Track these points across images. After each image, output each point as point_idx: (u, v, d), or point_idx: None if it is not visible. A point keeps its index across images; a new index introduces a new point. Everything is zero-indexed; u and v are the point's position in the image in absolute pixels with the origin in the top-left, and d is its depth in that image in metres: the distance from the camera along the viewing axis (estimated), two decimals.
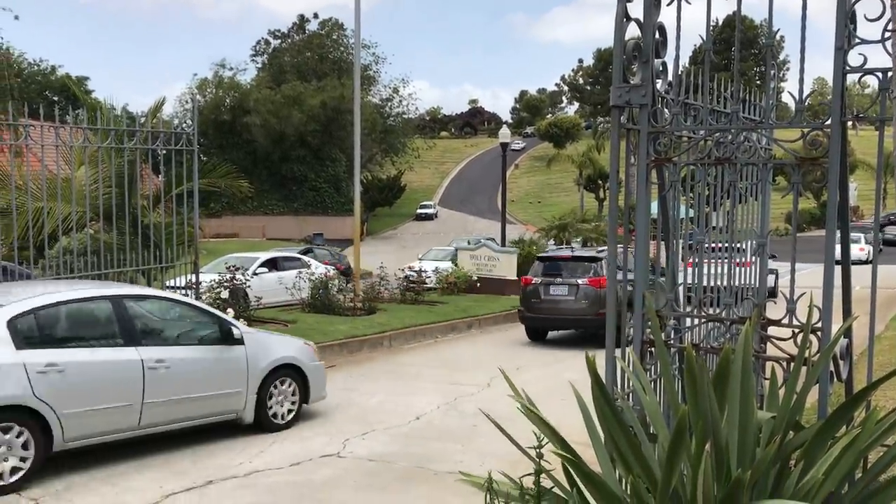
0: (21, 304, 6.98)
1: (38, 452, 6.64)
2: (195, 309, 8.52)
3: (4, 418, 6.47)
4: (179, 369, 7.61)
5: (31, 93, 49.63)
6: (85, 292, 7.63)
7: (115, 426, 7.24)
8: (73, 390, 6.87)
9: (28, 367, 6.63)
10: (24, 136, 9.36)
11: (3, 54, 22.20)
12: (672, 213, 4.45)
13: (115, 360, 7.22)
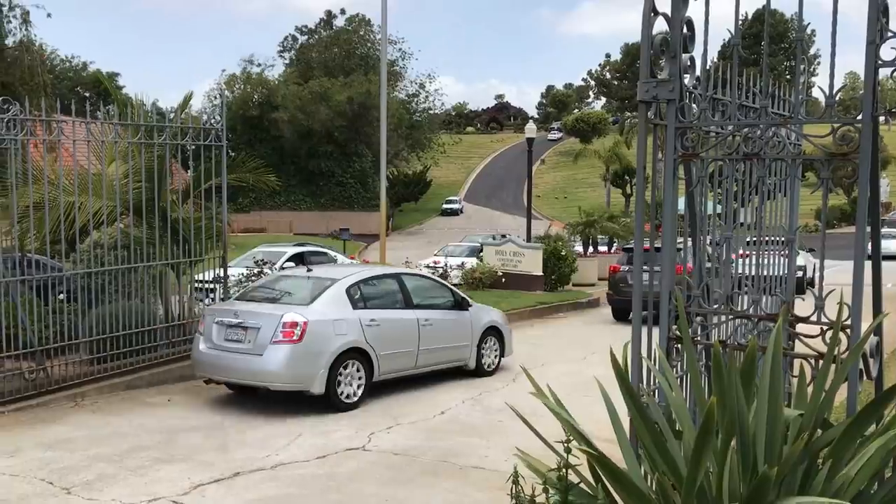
0: (350, 278, 9.93)
1: (367, 381, 9.44)
2: (441, 285, 11.78)
3: (350, 356, 9.28)
4: (438, 326, 10.53)
5: (63, 89, 50.34)
6: (380, 270, 11.42)
7: (403, 366, 10.09)
8: (384, 338, 9.67)
9: (361, 321, 9.49)
10: (56, 131, 9.50)
11: (35, 51, 22.51)
12: (699, 210, 4.42)
13: (403, 319, 10.13)
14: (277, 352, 8.82)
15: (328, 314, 9.25)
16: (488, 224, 60.14)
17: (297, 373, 8.90)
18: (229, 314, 9.32)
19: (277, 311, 9.15)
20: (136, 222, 10.74)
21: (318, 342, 8.99)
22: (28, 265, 9.35)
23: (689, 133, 4.11)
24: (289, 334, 8.86)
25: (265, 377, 8.95)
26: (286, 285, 10.24)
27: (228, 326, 9.19)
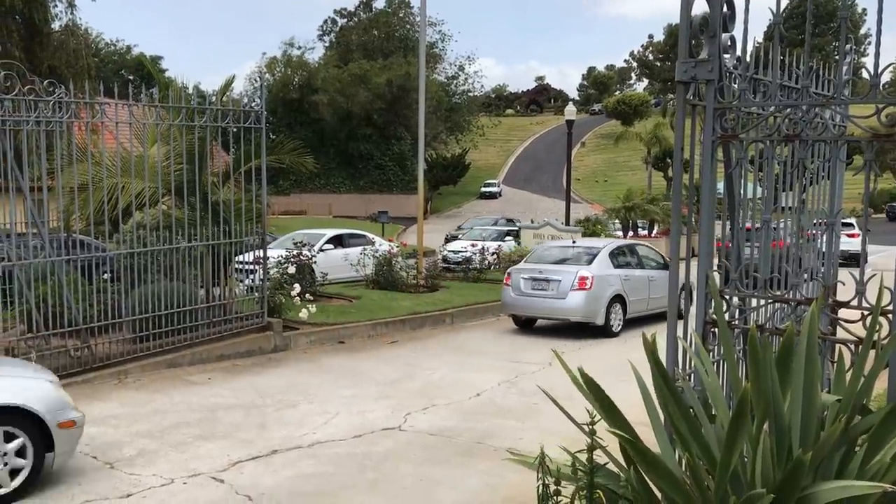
0: (608, 247, 14.40)
1: (623, 318, 13.84)
2: (653, 251, 15.66)
3: (615, 301, 13.67)
4: (656, 282, 14.27)
5: (107, 72, 51.22)
6: (622, 242, 16.29)
7: (640, 309, 14.19)
8: (632, 289, 13.96)
9: (620, 276, 13.78)
10: (99, 114, 9.66)
11: (81, 35, 22.88)
12: (738, 192, 4.35)
13: (640, 275, 14.28)
14: (576, 296, 13.22)
15: (602, 271, 13.54)
16: (527, 207, 59.89)
17: (588, 310, 13.24)
18: (535, 272, 13.76)
19: (571, 269, 13.53)
20: (177, 203, 10.90)
21: (599, 290, 13.30)
22: (73, 245, 9.56)
23: (728, 114, 4.05)
24: (582, 284, 13.22)
25: (567, 313, 13.40)
26: (562, 252, 14.54)
27: (534, 279, 13.63)
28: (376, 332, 13.00)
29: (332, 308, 13.78)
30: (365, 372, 10.29)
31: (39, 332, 8.91)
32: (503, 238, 25.84)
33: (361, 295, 15.38)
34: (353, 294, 15.41)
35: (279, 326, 11.64)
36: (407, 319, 13.78)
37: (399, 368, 10.54)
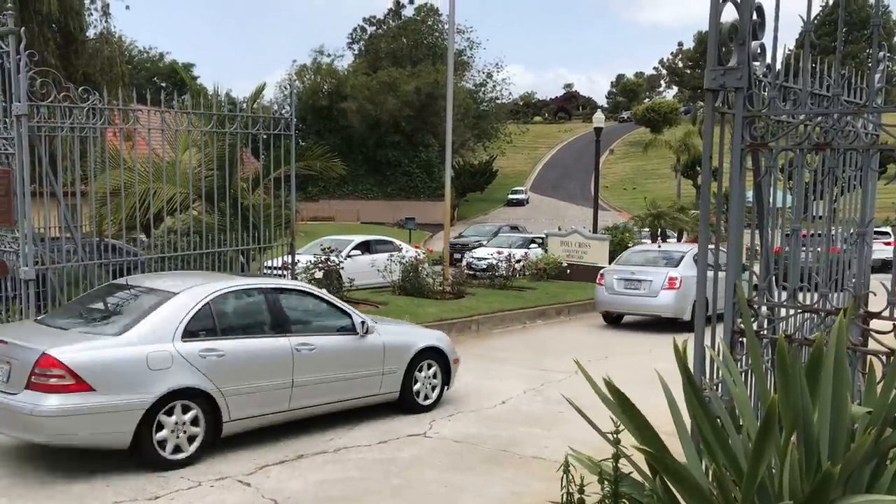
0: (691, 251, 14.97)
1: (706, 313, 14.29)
2: None
3: None
4: None
5: (140, 79, 51.95)
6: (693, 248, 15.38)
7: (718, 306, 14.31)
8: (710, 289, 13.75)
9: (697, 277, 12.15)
10: (132, 120, 9.82)
11: (114, 43, 23.26)
12: (767, 201, 4.32)
13: None
14: (667, 295, 14.33)
15: (687, 273, 14.29)
16: (554, 215, 59.72)
17: (677, 307, 14.30)
18: (627, 273, 15.02)
19: (661, 270, 14.64)
20: (208, 209, 11.03)
21: (686, 289, 14.21)
22: (105, 249, 9.71)
23: (757, 122, 4.02)
24: (672, 284, 14.27)
25: (659, 310, 14.56)
26: (650, 256, 15.74)
27: (627, 279, 14.86)
28: None
29: None
30: None
31: None
32: (529, 245, 25.78)
33: (388, 301, 15.42)
34: (380, 300, 15.45)
35: None
36: (433, 326, 13.79)
37: None
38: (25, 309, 8.61)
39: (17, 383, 6.22)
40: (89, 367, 6.19)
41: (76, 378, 6.10)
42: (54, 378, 6.08)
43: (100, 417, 6.17)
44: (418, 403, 8.50)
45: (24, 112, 8.38)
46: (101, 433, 6.26)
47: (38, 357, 6.13)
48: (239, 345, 7.05)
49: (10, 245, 8.80)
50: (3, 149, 8.67)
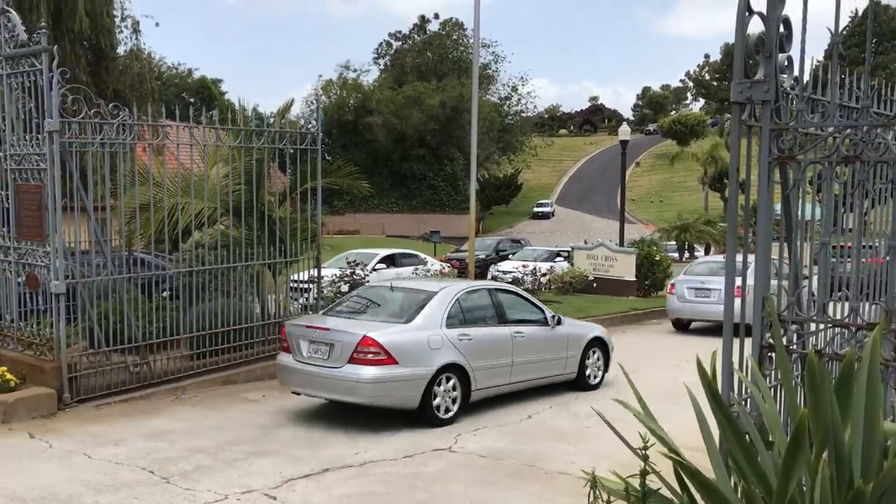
0: None
1: None
2: None
3: None
4: None
5: (169, 95, 52.64)
6: None
7: None
8: None
9: None
10: (162, 135, 9.95)
11: (144, 59, 23.61)
12: (796, 214, 4.27)
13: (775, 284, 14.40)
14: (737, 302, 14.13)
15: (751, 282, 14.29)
16: (580, 228, 59.49)
17: None
18: (696, 282, 15.95)
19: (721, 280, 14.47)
20: (235, 223, 11.13)
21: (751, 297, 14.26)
22: (134, 263, 9.82)
23: (785, 135, 3.99)
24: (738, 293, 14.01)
25: None
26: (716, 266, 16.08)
27: (696, 288, 15.87)
28: None
29: None
30: None
31: (100, 348, 9.15)
32: (554, 258, 25.71)
33: None
34: None
35: None
36: None
37: None
38: (56, 322, 8.73)
39: (339, 359, 8.28)
40: (395, 346, 8.24)
41: (387, 354, 8.16)
42: (371, 354, 8.13)
43: (402, 384, 8.26)
44: (588, 383, 10.45)
45: (56, 128, 8.52)
46: (402, 396, 8.34)
47: (359, 339, 8.19)
48: (479, 331, 9.09)
49: (42, 259, 8.94)
50: (36, 164, 8.82)
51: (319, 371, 8.43)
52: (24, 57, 8.84)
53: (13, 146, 9.08)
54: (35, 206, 8.92)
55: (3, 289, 9.56)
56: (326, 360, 8.36)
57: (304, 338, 8.76)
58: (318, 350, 8.55)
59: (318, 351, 8.55)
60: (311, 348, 8.64)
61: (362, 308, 9.40)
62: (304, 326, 8.90)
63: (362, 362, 8.10)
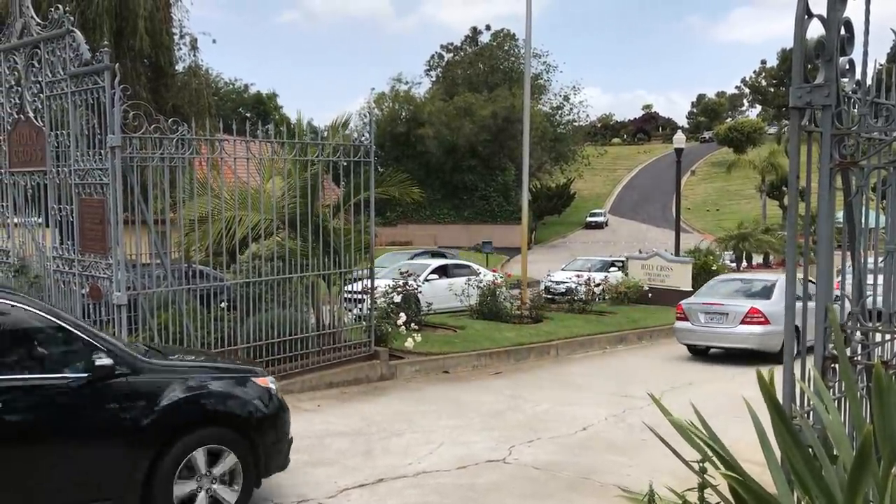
0: None
1: None
2: None
3: None
4: None
5: (226, 110, 53.73)
6: None
7: None
8: None
9: None
10: (219, 150, 10.16)
11: (202, 76, 24.15)
12: (859, 221, 4.15)
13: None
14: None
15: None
16: (634, 237, 58.77)
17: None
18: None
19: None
20: (291, 235, 11.28)
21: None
22: (193, 275, 10.03)
23: (847, 140, 3.89)
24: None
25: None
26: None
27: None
28: (480, 363, 13.00)
29: (436, 337, 13.88)
30: (469, 403, 10.29)
31: None
32: (608, 269, 25.46)
33: (465, 325, 15.43)
34: (457, 324, 15.48)
35: (385, 355, 11.81)
36: (511, 350, 13.72)
37: (503, 400, 10.49)
38: (118, 333, 8.95)
39: (733, 322, 14.07)
40: (769, 313, 13.77)
41: (765, 318, 13.77)
42: (757, 318, 13.85)
43: (772, 336, 13.56)
44: None
45: (118, 144, 8.76)
46: (771, 344, 13.59)
47: (748, 308, 13.99)
48: None
49: (104, 271, 9.18)
50: (98, 179, 9.08)
51: (717, 330, 14.11)
52: (87, 75, 9.12)
53: (77, 161, 9.36)
54: (98, 220, 9.17)
55: (67, 300, 9.84)
56: (722, 324, 14.09)
57: (700, 311, 14.32)
58: (713, 318, 14.16)
59: (713, 318, 14.16)
60: (708, 317, 14.21)
61: (728, 291, 15.07)
62: (700, 304, 14.48)
63: (750, 323, 13.77)
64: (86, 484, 5.28)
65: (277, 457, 6.19)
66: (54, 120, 9.79)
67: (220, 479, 5.75)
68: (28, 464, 5.12)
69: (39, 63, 9.89)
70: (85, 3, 17.60)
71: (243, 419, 5.95)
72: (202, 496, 5.63)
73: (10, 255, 10.98)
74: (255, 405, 6.06)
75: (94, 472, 5.30)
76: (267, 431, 6.10)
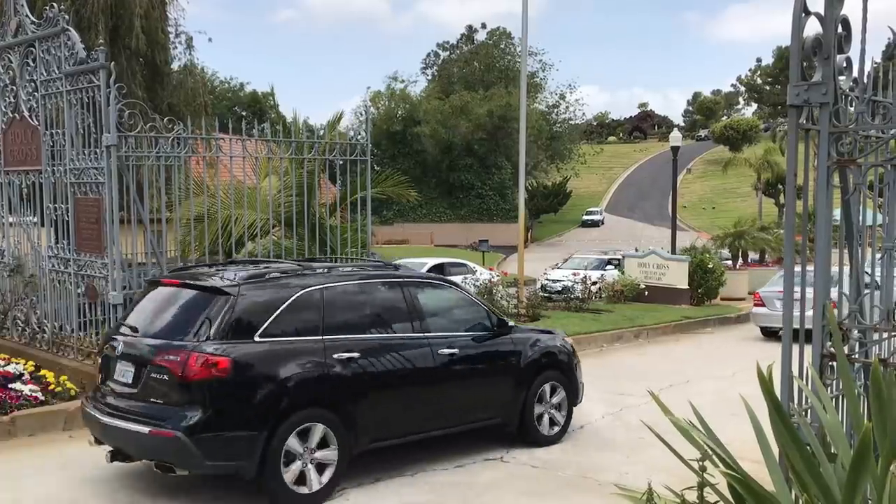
0: None
1: None
2: None
3: None
4: None
5: (222, 108, 53.69)
6: None
7: None
8: None
9: None
10: (215, 148, 10.14)
11: (198, 74, 24.11)
12: (856, 219, 4.15)
13: None
14: None
15: None
16: (631, 235, 58.83)
17: None
18: None
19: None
20: (287, 234, 11.27)
21: None
22: None
23: (844, 138, 3.89)
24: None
25: None
26: None
27: None
28: None
29: None
30: None
31: None
32: (605, 267, 25.49)
33: None
34: None
35: None
36: None
37: None
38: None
39: None
40: None
41: None
42: None
43: None
44: None
45: (113, 143, 8.74)
46: None
47: None
48: None
49: (100, 270, 9.16)
50: (94, 178, 9.05)
51: None
52: (82, 74, 9.10)
53: (72, 160, 9.33)
54: (93, 219, 9.15)
55: (63, 300, 9.82)
56: None
57: (776, 298, 14.35)
58: None
59: None
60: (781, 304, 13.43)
61: None
62: (776, 291, 14.47)
63: None
64: (491, 407, 7.86)
65: (579, 393, 8.66)
66: (49, 119, 9.76)
67: (556, 406, 8.29)
68: (466, 391, 7.65)
69: (34, 62, 9.86)
70: (80, 2, 17.57)
71: (566, 364, 8.50)
72: (546, 417, 8.18)
73: (6, 255, 10.95)
74: (569, 355, 8.59)
75: (496, 398, 7.86)
76: (575, 373, 8.62)
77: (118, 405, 6.27)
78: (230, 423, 5.95)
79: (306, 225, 10.99)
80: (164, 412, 5.94)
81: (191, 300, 6.54)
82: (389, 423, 6.99)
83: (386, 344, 6.98)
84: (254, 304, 6.35)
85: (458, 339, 7.52)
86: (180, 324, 6.39)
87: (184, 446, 5.76)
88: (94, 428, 6.54)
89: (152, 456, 6.04)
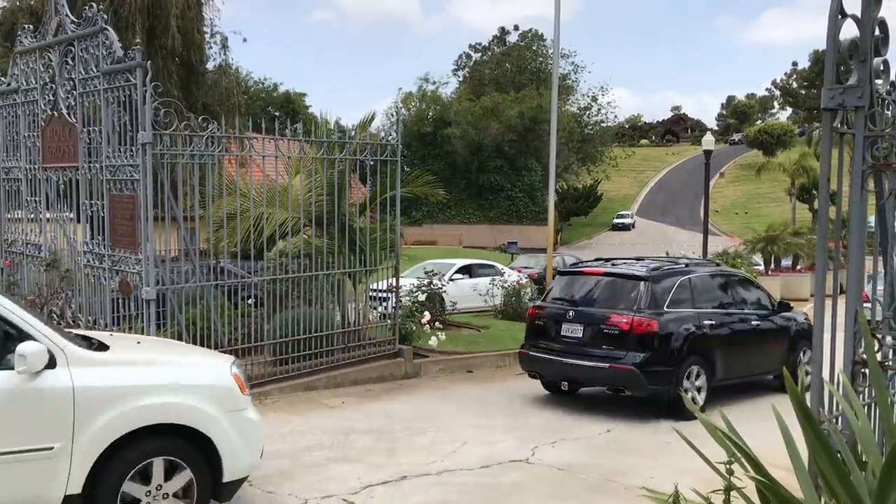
0: None
1: None
2: None
3: None
4: None
5: (255, 108, 54.09)
6: None
7: None
8: None
9: None
10: (248, 148, 10.24)
11: (232, 74, 24.35)
12: (892, 224, 4.10)
13: None
14: None
15: None
16: (661, 239, 58.32)
17: None
18: None
19: None
20: (317, 233, 11.34)
21: None
22: (221, 271, 10.12)
23: (880, 142, 3.84)
24: None
25: None
26: None
27: None
28: (504, 363, 12.97)
29: (460, 337, 13.87)
30: (492, 402, 10.29)
31: None
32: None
33: (489, 325, 15.41)
34: (481, 324, 15.47)
35: (409, 354, 11.84)
36: None
37: (527, 401, 10.47)
38: (147, 327, 9.06)
39: None
40: None
41: None
42: None
43: None
44: None
45: (149, 140, 8.87)
46: None
47: None
48: None
49: (134, 266, 9.29)
50: (129, 175, 9.19)
51: None
52: (119, 72, 9.24)
53: (108, 158, 9.48)
54: (128, 216, 9.29)
55: (98, 294, 9.98)
56: None
57: None
58: None
59: None
60: None
61: None
62: None
63: None
64: (773, 362, 10.74)
65: None
66: (87, 116, 9.92)
67: None
68: (762, 350, 10.80)
69: (73, 60, 10.04)
70: (118, 2, 17.82)
71: None
72: None
73: (43, 250, 11.16)
74: None
75: (776, 356, 10.78)
76: None
77: (572, 351, 9.53)
78: (659, 361, 9.23)
79: (336, 224, 11.06)
80: (615, 354, 9.23)
81: (618, 284, 9.84)
82: (729, 368, 10.09)
83: (725, 314, 10.32)
84: (660, 287, 9.71)
85: (756, 314, 10.84)
86: (616, 298, 9.65)
87: (636, 377, 9.10)
88: (543, 366, 10.03)
89: (610, 382, 9.37)
